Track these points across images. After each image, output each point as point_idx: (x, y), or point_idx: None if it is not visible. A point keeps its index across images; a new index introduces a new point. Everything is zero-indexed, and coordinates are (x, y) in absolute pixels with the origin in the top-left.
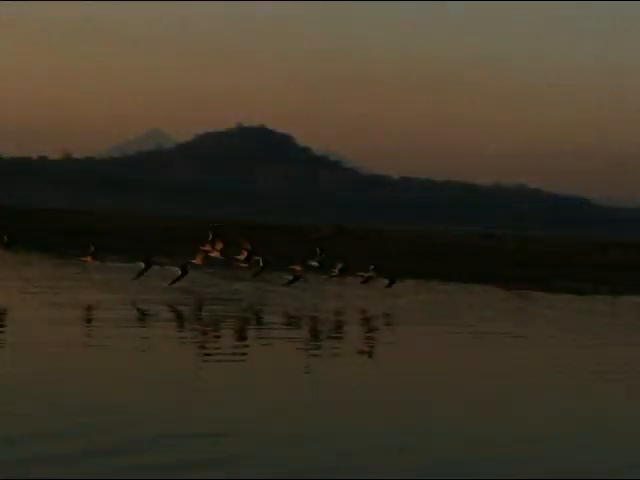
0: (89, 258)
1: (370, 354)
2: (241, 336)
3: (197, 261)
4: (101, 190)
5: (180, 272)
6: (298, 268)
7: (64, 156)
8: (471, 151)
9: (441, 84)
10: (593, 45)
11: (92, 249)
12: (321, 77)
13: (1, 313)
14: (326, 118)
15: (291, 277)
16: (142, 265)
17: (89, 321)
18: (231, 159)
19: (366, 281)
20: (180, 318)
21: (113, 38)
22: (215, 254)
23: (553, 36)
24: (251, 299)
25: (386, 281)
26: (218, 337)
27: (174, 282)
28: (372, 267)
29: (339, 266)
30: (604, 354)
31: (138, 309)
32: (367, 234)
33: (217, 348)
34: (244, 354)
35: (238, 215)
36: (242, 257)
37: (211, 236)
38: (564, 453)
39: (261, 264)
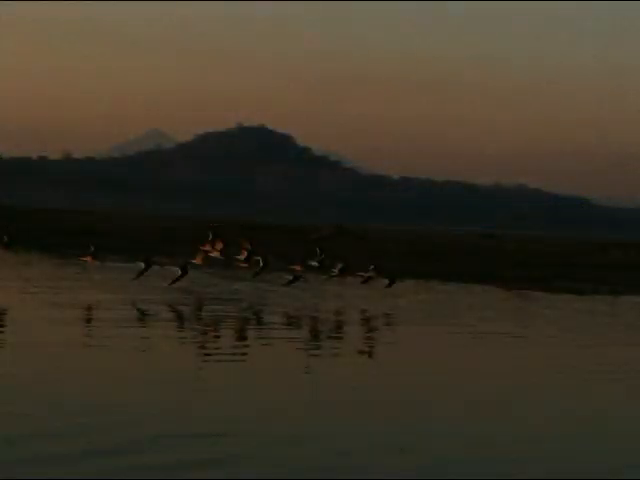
0: (89, 258)
1: (370, 354)
2: (241, 336)
3: (197, 261)
4: (101, 190)
5: (180, 272)
6: (298, 268)
7: (64, 156)
8: (471, 151)
9: (441, 84)
10: (593, 45)
11: (92, 249)
12: (321, 77)
13: (1, 313)
14: (326, 118)
15: (291, 277)
16: (142, 265)
17: (89, 321)
18: (231, 159)
19: (366, 281)
20: (180, 318)
21: (113, 38)
22: (215, 254)
23: (553, 36)
24: (251, 299)
25: (386, 281)
26: (218, 337)
27: (174, 282)
28: (372, 267)
29: (339, 266)
30: (604, 354)
31: (138, 309)
32: (365, 234)
33: (217, 348)
34: (244, 354)
35: (238, 215)
36: (242, 257)
37: (211, 236)
38: (564, 453)
39: (261, 264)
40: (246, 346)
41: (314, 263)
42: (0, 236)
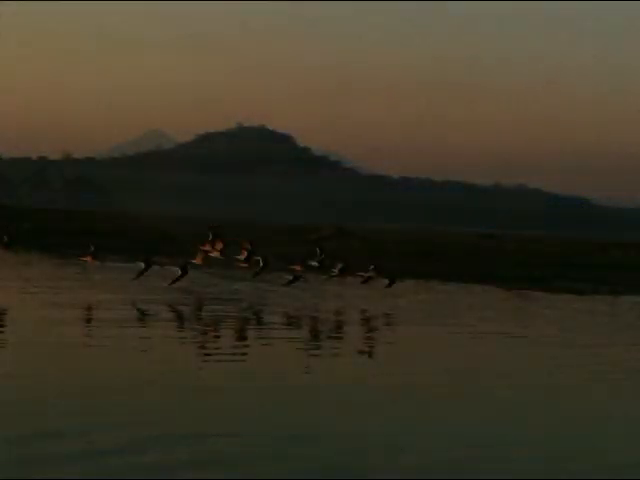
0: (89, 258)
1: (370, 354)
2: (241, 336)
3: (197, 261)
4: (101, 190)
5: (180, 272)
6: (298, 268)
7: (64, 156)
8: (471, 151)
9: (441, 84)
10: (593, 45)
11: (92, 249)
12: (321, 77)
13: (1, 313)
14: (326, 118)
15: (291, 277)
16: (142, 265)
17: (89, 321)
18: (231, 159)
19: (366, 281)
20: (180, 318)
21: (113, 38)
22: (215, 254)
23: (553, 36)
24: (251, 299)
25: (386, 281)
26: (218, 337)
27: (174, 282)
28: (372, 267)
29: (339, 266)
30: (604, 354)
31: (138, 309)
32: (365, 234)
33: (217, 348)
34: (244, 354)
35: (238, 215)
36: (242, 257)
37: (211, 236)
38: (564, 453)
39: (261, 264)
40: (246, 346)
41: (314, 263)
42: (0, 236)
